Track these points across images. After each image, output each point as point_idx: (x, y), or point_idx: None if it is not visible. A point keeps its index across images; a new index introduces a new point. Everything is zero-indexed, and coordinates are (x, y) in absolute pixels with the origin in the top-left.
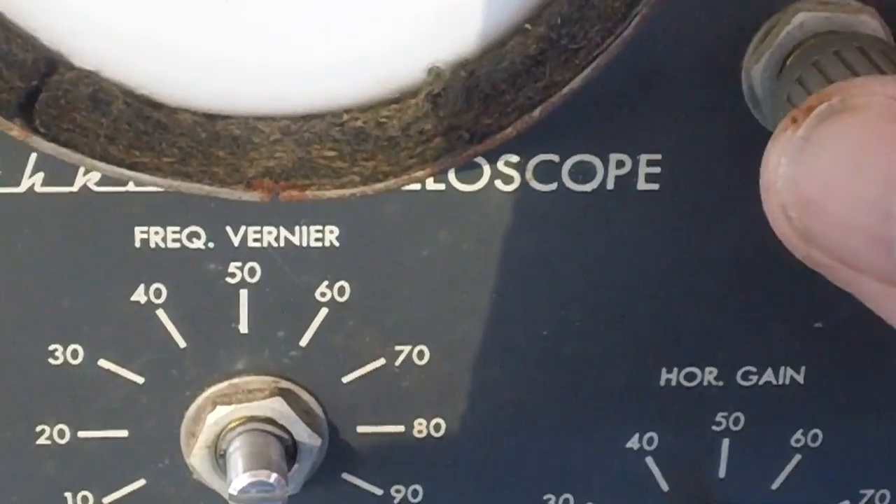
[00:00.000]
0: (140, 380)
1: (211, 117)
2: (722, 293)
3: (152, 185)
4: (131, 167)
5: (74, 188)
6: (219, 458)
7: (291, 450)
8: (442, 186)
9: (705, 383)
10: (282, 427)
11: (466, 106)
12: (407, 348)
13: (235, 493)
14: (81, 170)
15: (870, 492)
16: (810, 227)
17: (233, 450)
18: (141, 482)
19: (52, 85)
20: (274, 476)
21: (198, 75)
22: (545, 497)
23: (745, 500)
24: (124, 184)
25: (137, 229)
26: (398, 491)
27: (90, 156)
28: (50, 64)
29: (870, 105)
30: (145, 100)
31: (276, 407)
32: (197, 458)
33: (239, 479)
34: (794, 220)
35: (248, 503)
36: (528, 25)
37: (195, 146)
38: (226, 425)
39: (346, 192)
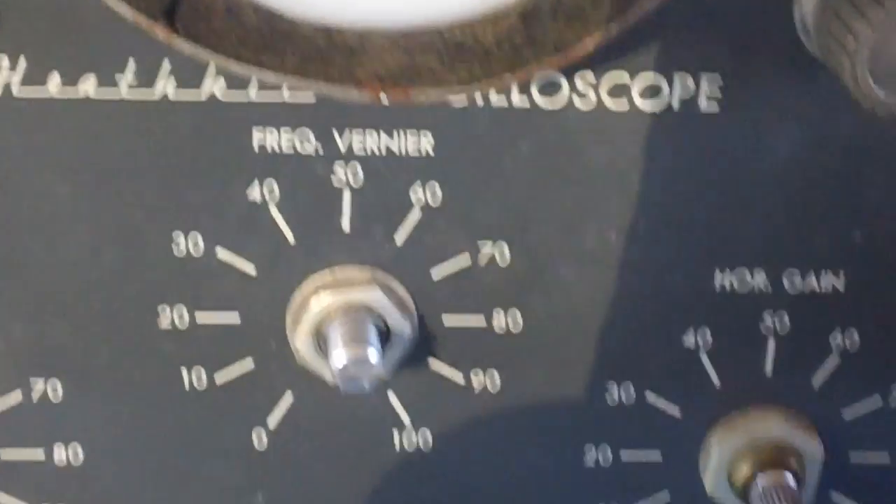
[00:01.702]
0: (252, 270)
1: (328, 30)
2: (772, 204)
3: (276, 82)
4: (258, 66)
5: (202, 97)
6: (321, 341)
7: (385, 337)
8: (526, 104)
9: (754, 286)
10: (377, 315)
11: (552, 22)
12: (490, 248)
13: (338, 368)
14: (208, 79)
15: None
16: None
17: (333, 332)
18: (250, 362)
19: None
20: (371, 351)
21: None
22: (608, 384)
23: (790, 395)
24: (246, 93)
25: (255, 134)
26: (478, 378)
27: (224, 55)
28: None
29: None
30: (271, 12)
31: (372, 296)
32: (300, 341)
33: (339, 353)
34: None
35: (347, 380)
36: None
37: (314, 52)
38: (327, 311)
39: (445, 91)
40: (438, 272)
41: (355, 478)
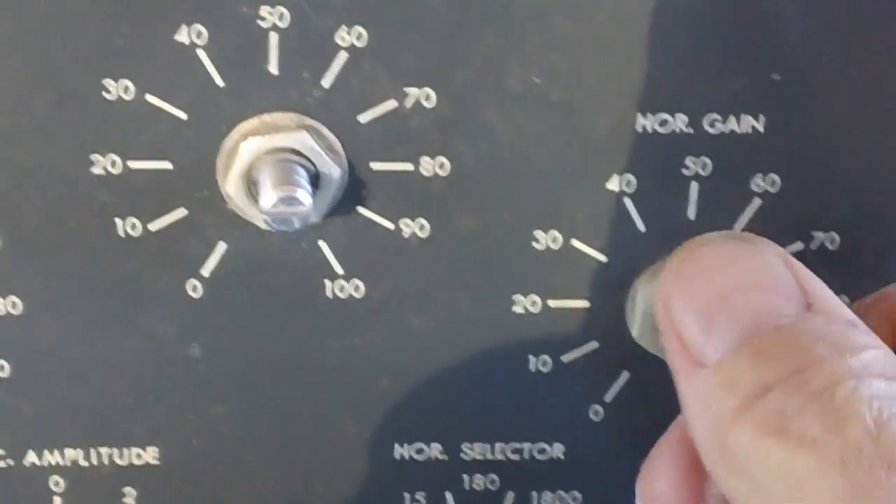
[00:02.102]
0: (183, 115)
1: None
2: (692, 45)
3: None
4: None
5: None
6: (251, 186)
7: (315, 180)
8: None
9: (676, 130)
10: (307, 158)
11: None
12: (416, 91)
13: (267, 207)
14: None
15: (821, 234)
16: None
17: (263, 176)
18: (182, 211)
19: None
20: (300, 191)
21: None
22: (535, 233)
23: None
24: None
25: None
26: (407, 225)
27: None
28: None
29: None
30: None
31: (301, 140)
32: (231, 186)
33: (268, 193)
34: None
35: (277, 218)
36: None
37: None
38: (257, 155)
39: None
40: (366, 116)
41: (288, 327)
